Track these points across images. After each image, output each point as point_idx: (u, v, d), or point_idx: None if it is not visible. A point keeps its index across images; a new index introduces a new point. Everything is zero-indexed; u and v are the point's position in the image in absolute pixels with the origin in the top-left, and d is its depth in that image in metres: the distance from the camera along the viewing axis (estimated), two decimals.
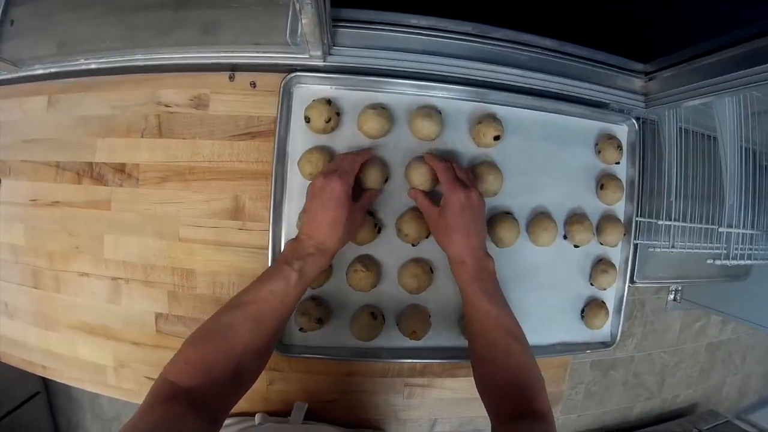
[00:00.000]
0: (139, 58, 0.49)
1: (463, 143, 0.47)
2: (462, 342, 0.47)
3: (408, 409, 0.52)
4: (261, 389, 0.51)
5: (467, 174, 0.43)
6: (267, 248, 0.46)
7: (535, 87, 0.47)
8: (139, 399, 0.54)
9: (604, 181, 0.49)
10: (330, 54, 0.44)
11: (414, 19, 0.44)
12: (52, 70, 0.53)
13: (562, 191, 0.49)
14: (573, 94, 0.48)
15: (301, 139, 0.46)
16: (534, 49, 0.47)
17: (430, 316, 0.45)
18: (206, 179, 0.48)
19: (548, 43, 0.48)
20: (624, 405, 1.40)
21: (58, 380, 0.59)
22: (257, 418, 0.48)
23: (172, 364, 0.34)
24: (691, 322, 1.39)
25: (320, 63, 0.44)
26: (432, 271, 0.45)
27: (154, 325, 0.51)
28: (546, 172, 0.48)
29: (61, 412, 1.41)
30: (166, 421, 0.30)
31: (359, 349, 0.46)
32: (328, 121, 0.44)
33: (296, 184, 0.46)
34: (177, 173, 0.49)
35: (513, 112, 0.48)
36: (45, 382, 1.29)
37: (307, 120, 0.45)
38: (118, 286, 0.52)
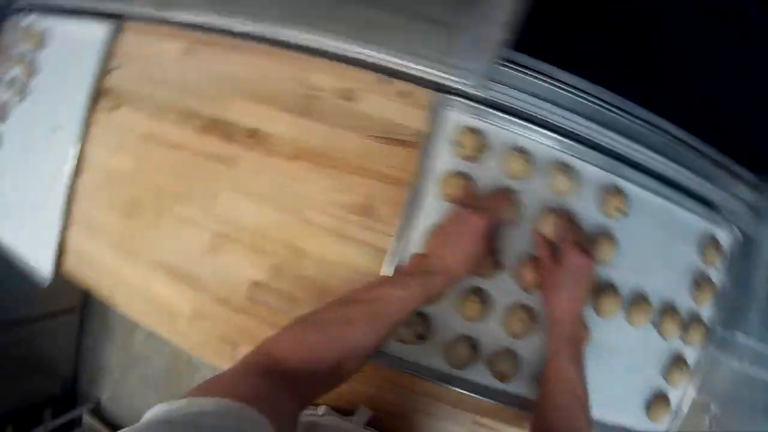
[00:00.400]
0: (298, 36, 0.49)
1: (587, 207, 0.48)
2: None
3: None
4: None
5: (588, 239, 0.44)
6: (387, 252, 0.47)
7: (663, 172, 0.48)
8: (202, 353, 0.56)
9: (699, 280, 0.50)
10: (487, 87, 0.45)
11: (571, 78, 0.45)
12: (200, 20, 0.54)
13: (660, 278, 0.50)
14: (692, 187, 0.49)
15: (445, 160, 0.47)
16: (668, 136, 0.48)
17: (522, 364, 0.47)
18: (341, 169, 0.49)
19: (680, 133, 0.49)
20: None
21: (120, 310, 0.60)
22: (321, 409, 0.49)
23: (278, 340, 0.34)
24: None
25: (476, 92, 0.45)
26: (537, 322, 0.47)
27: (246, 291, 0.52)
28: (651, 256, 0.49)
29: (88, 334, 1.43)
30: (267, 394, 0.29)
31: (445, 374, 0.48)
32: (477, 151, 0.46)
33: (431, 202, 0.47)
34: (312, 154, 0.50)
35: (637, 191, 0.49)
36: (85, 301, 1.31)
37: (457, 144, 0.46)
38: (221, 243, 0.53)
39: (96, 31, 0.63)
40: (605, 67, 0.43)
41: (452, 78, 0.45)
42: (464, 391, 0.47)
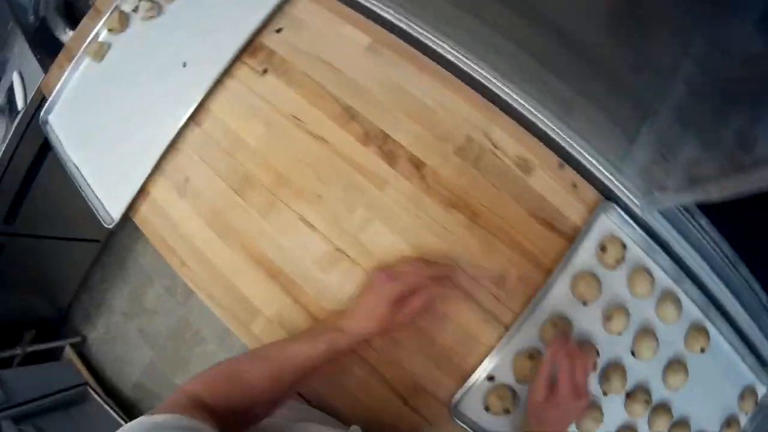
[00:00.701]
0: (496, 83, 0.49)
1: (675, 337, 0.52)
2: None
3: None
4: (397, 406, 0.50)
5: (585, 377, 0.44)
6: (505, 325, 0.48)
7: (744, 329, 0.54)
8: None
9: (730, 421, 0.55)
10: (651, 213, 0.47)
11: (721, 238, 0.49)
12: (398, 22, 0.51)
13: (703, 410, 0.54)
14: (757, 347, 0.55)
15: (585, 258, 0.49)
16: (759, 302, 0.54)
17: None
18: (491, 232, 0.49)
19: (756, 286, 0.55)
20: None
21: (189, 283, 0.55)
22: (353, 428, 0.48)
23: (196, 382, 0.37)
24: None
25: (638, 213, 0.48)
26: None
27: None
28: (703, 389, 0.54)
29: (101, 266, 1.32)
30: (203, 423, 0.31)
31: None
32: (616, 261, 0.48)
33: (559, 294, 0.48)
34: (468, 209, 0.49)
35: (717, 336, 0.53)
36: (110, 235, 1.23)
37: (603, 249, 0.48)
38: (338, 259, 0.50)
39: None
40: (750, 239, 0.48)
41: (617, 183, 0.48)
42: None
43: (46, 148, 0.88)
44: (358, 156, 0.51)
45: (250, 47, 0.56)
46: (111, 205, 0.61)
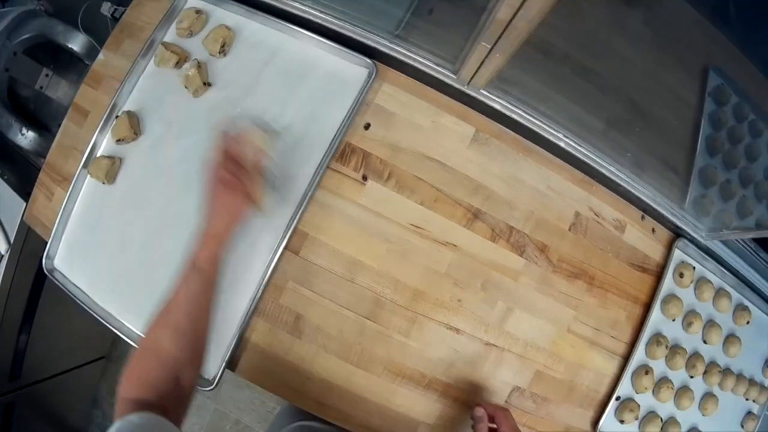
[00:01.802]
0: (586, 153, 0.53)
1: (727, 317, 0.67)
2: None
3: None
4: None
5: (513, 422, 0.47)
6: (622, 355, 0.57)
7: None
8: None
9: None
10: (710, 240, 0.60)
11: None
12: (513, 115, 0.50)
13: (751, 363, 0.71)
14: None
15: (669, 286, 0.60)
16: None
17: None
18: (605, 290, 0.56)
19: None
20: None
21: (334, 422, 0.51)
22: None
23: (124, 384, 0.37)
24: None
25: (701, 240, 0.60)
26: None
27: (506, 397, 0.53)
28: (750, 349, 0.69)
29: (107, 378, 1.13)
30: (154, 419, 0.33)
31: None
32: (691, 282, 0.60)
33: (656, 318, 0.59)
34: (587, 275, 0.55)
35: (756, 311, 0.70)
36: (112, 345, 1.09)
37: (681, 275, 0.60)
38: (489, 352, 0.52)
39: (356, 66, 0.49)
40: None
41: (680, 217, 0.58)
42: None
43: (36, 291, 0.67)
44: (490, 253, 0.52)
45: (337, 151, 0.49)
46: (208, 369, 0.50)
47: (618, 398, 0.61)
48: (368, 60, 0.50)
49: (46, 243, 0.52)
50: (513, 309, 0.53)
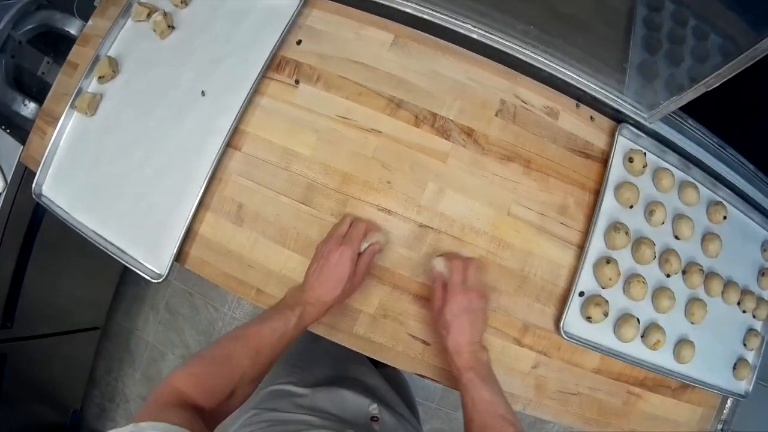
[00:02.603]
0: (508, 46, 0.57)
1: (700, 216, 0.62)
2: (686, 369, 0.58)
3: (619, 416, 0.58)
4: (524, 370, 0.54)
5: (474, 275, 0.48)
6: (578, 245, 0.55)
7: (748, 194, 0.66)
8: (382, 357, 0.53)
9: (763, 271, 0.66)
10: (654, 120, 0.59)
11: (713, 136, 0.61)
12: (418, 14, 0.56)
13: (741, 269, 0.65)
14: (762, 206, 0.68)
15: (619, 173, 0.58)
16: (752, 171, 0.67)
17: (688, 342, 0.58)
18: (545, 173, 0.56)
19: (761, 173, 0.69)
20: None
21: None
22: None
23: (182, 375, 0.38)
24: None
25: (645, 123, 0.59)
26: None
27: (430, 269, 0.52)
28: (735, 253, 0.64)
29: (103, 356, 1.16)
30: (191, 422, 0.33)
31: (614, 350, 0.56)
32: (643, 167, 0.58)
33: (610, 206, 0.57)
34: (521, 158, 0.55)
35: (731, 208, 0.65)
36: (107, 320, 1.10)
37: (630, 160, 0.58)
38: (425, 234, 0.53)
39: (287, 1, 0.57)
40: (727, 124, 0.61)
41: (623, 103, 0.58)
42: (626, 359, 0.56)
43: (31, 236, 0.76)
44: (415, 137, 0.54)
45: (273, 64, 0.57)
46: (152, 258, 0.56)
47: (582, 294, 0.57)
48: None
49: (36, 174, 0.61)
50: (444, 190, 0.54)
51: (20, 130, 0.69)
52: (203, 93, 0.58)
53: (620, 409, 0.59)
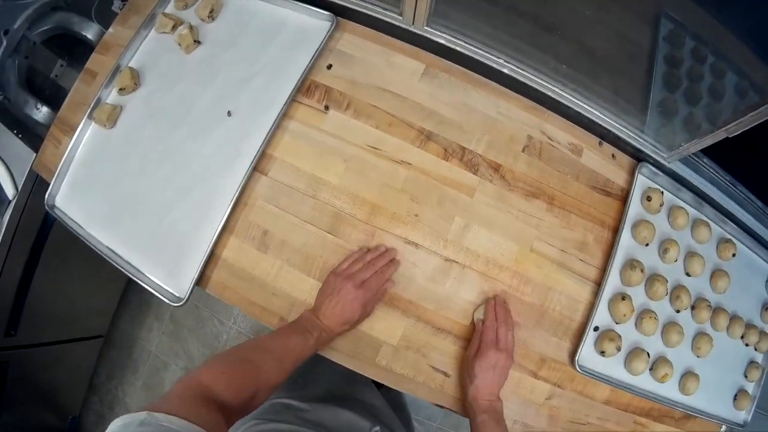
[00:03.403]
0: (537, 82, 0.57)
1: (711, 252, 0.64)
2: (690, 401, 0.60)
3: None
4: (539, 401, 0.56)
5: (507, 337, 0.51)
6: (595, 281, 0.56)
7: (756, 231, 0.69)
8: (402, 387, 0.54)
9: (767, 306, 0.69)
10: (673, 160, 0.60)
11: (726, 175, 0.63)
12: (451, 45, 0.56)
13: (744, 304, 0.67)
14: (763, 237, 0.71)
15: (637, 211, 0.60)
16: (760, 209, 0.70)
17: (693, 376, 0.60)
18: (567, 210, 0.57)
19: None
20: None
21: None
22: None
23: (209, 370, 0.39)
24: None
25: (664, 162, 0.60)
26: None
27: (471, 317, 0.53)
28: (740, 288, 0.66)
29: (105, 364, 1.13)
30: (209, 418, 0.33)
31: (625, 383, 0.58)
32: (660, 206, 0.60)
33: (627, 243, 0.58)
34: (545, 195, 0.56)
35: (738, 244, 0.67)
36: (111, 326, 1.09)
37: (648, 199, 0.60)
38: (449, 268, 0.54)
39: (319, 20, 0.57)
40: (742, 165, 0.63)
41: (642, 142, 0.59)
42: (633, 391, 0.57)
43: (39, 245, 0.74)
44: (443, 171, 0.55)
45: (302, 87, 0.56)
46: (172, 281, 0.56)
47: (596, 328, 0.59)
48: (328, 13, 0.58)
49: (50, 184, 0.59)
50: (471, 224, 0.55)
51: (32, 135, 0.67)
52: (229, 113, 0.57)
53: None
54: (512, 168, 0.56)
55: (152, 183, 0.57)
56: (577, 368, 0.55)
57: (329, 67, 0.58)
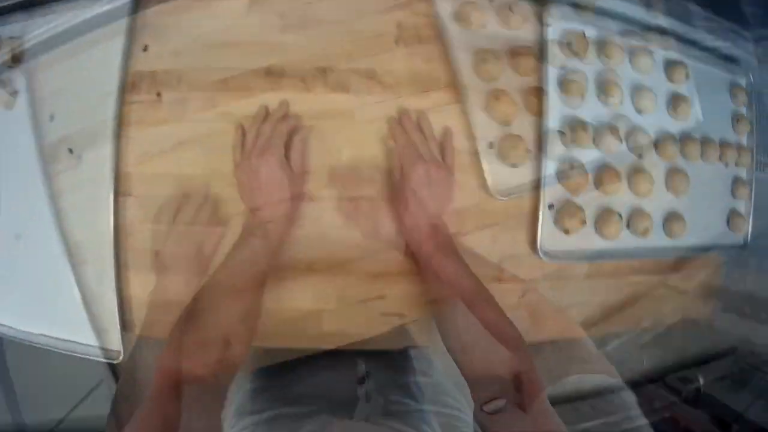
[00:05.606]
0: None
1: (659, 80, 0.55)
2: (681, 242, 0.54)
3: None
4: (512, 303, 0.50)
5: (430, 144, 0.44)
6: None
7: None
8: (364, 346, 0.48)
9: (737, 118, 0.60)
10: None
11: None
12: None
13: (714, 121, 0.59)
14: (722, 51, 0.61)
15: (558, 64, 0.50)
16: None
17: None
18: None
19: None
20: None
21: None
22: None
23: (167, 354, 0.34)
24: None
25: None
26: None
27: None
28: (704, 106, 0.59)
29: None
30: (185, 407, 0.30)
31: (603, 252, 0.51)
32: (585, 48, 0.49)
33: (557, 105, 0.49)
34: (442, 83, 0.47)
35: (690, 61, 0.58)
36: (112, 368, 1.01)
37: (569, 45, 0.49)
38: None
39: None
40: None
41: None
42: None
43: None
44: (309, 104, 0.46)
45: (127, 86, 0.47)
46: (98, 339, 0.50)
47: (551, 206, 0.51)
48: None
49: None
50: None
51: None
52: (71, 150, 0.49)
53: (624, 302, 0.57)
54: (390, 68, 0.47)
55: (12, 246, 0.49)
56: (542, 257, 0.49)
57: (145, 48, 0.48)
